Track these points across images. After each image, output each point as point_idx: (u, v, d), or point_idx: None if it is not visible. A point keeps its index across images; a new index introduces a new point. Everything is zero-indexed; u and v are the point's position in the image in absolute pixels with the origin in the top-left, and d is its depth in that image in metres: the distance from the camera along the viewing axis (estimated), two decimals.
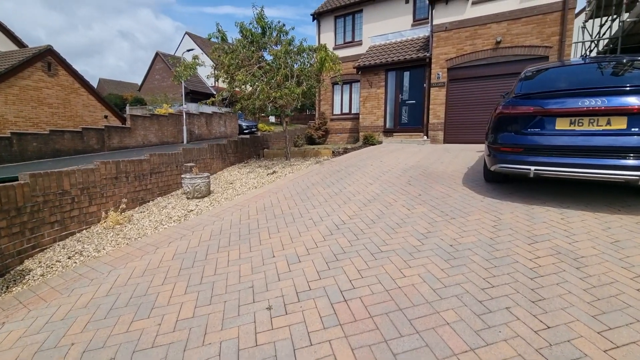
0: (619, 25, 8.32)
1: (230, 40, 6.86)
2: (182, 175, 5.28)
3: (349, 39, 14.38)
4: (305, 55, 7.11)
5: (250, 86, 6.53)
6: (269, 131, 28.46)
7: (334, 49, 14.50)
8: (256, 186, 5.87)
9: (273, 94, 6.20)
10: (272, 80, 6.27)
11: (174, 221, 4.41)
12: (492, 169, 4.24)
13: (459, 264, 2.72)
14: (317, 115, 15.32)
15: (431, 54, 10.71)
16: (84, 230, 4.36)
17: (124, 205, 4.73)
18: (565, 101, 3.54)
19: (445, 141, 10.62)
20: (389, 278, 2.57)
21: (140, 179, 5.21)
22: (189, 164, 5.71)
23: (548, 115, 3.64)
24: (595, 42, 10.54)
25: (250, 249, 3.36)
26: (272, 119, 37.01)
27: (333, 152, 8.64)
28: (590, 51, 11.53)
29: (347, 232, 3.53)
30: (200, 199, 5.28)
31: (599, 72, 3.97)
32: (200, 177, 5.23)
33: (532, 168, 3.71)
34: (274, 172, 6.78)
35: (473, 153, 7.44)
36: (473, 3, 9.87)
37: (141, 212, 4.94)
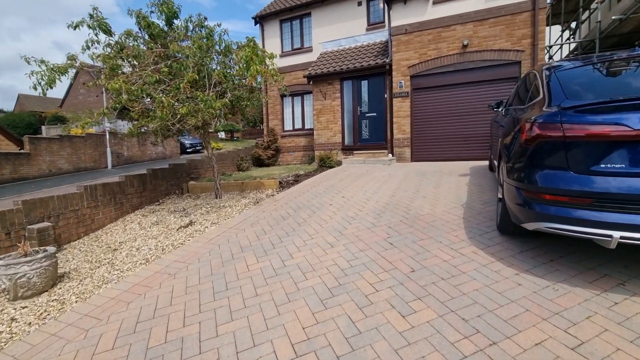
0: (595, 26, 7.53)
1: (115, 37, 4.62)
2: None
3: (297, 45, 12.69)
4: (235, 57, 5.13)
5: (148, 98, 4.40)
6: (218, 149, 25.88)
7: (282, 56, 12.72)
8: (149, 257, 3.66)
9: (181, 109, 4.13)
10: (179, 90, 4.20)
11: None
12: (530, 227, 2.56)
13: None
14: (265, 132, 13.30)
15: (391, 60, 9.32)
16: None
17: None
18: None
19: (413, 159, 9.19)
20: None
21: None
22: (35, 227, 3.38)
23: None
24: (559, 46, 9.92)
25: None
26: (221, 134, 34.27)
27: (280, 182, 6.67)
28: (551, 57, 10.99)
29: None
30: (32, 299, 2.97)
31: None
32: (30, 261, 2.93)
33: (616, 234, 2.07)
34: (191, 222, 4.62)
35: (456, 178, 5.92)
36: (434, 3, 8.67)
37: None
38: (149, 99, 4.45)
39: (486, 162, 7.44)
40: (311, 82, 10.88)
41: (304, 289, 2.67)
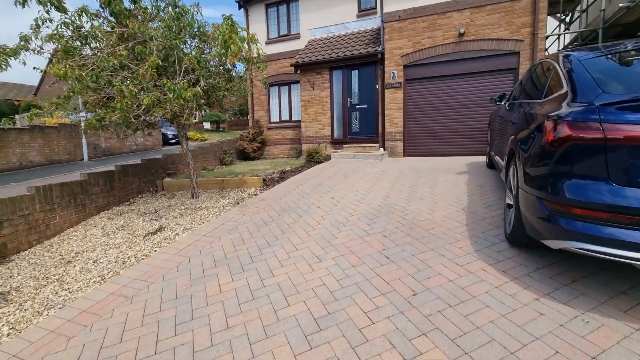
0: (598, 15, 7.17)
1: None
2: None
3: (284, 31, 12.00)
4: (211, 37, 4.48)
5: (108, 86, 3.77)
6: (202, 140, 25.09)
7: (267, 43, 12.04)
8: (106, 273, 3.13)
9: (145, 100, 3.54)
10: (142, 77, 3.60)
11: None
12: (555, 246, 2.16)
13: None
14: (250, 124, 12.66)
15: (383, 49, 8.81)
16: None
17: None
18: None
19: (406, 153, 8.79)
20: None
21: None
22: None
23: None
24: (557, 37, 9.57)
25: None
26: (206, 125, 33.31)
27: (264, 180, 6.15)
28: (546, 49, 10.66)
29: None
30: None
31: None
32: None
33: None
34: (161, 228, 4.10)
35: (453, 176, 5.53)
36: None
37: None
38: (110, 87, 3.83)
39: (483, 158, 7.10)
40: (298, 72, 10.28)
41: (286, 320, 2.22)
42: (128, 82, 3.75)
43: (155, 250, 3.52)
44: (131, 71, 3.78)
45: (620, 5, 5.86)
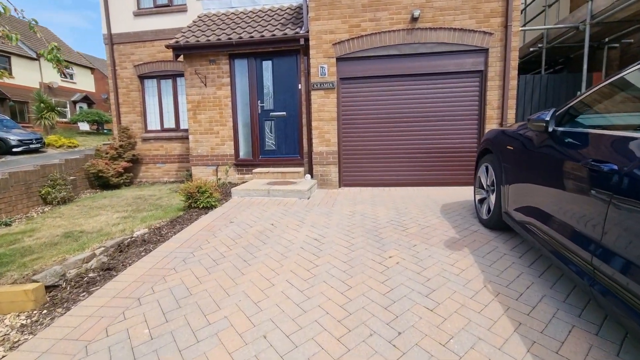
0: (583, 7, 5.63)
1: None
2: None
3: (163, 0, 8.31)
4: None
5: None
6: (71, 147, 18.83)
7: (138, 15, 8.21)
8: None
9: None
10: None
11: None
12: None
13: None
14: (115, 133, 8.56)
15: (308, 31, 6.06)
16: None
17: None
18: None
19: (343, 183, 6.20)
20: None
21: None
22: None
23: None
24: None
25: None
26: (84, 125, 26.17)
27: (53, 288, 2.62)
28: None
29: None
30: None
31: None
32: None
33: None
34: None
35: (445, 252, 3.01)
36: None
37: None
38: None
39: (457, 192, 4.87)
40: (178, 57, 6.84)
41: None
42: None
43: None
44: None
45: None
